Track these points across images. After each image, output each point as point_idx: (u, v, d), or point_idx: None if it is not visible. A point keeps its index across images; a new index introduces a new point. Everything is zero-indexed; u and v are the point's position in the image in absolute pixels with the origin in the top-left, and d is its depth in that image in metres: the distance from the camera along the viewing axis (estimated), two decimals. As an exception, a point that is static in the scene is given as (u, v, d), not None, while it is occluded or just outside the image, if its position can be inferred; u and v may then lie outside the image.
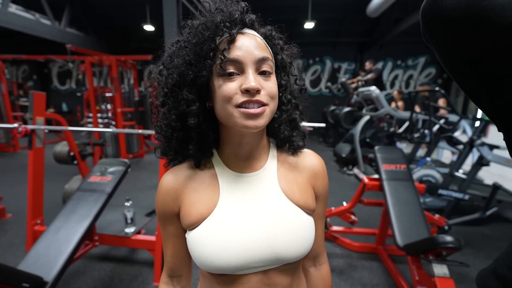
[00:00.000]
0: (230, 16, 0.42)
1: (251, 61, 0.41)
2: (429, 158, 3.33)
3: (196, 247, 0.45)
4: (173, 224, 0.50)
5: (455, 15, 0.31)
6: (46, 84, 10.53)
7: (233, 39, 0.41)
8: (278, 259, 0.46)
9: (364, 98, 4.29)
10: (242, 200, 0.47)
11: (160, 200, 0.50)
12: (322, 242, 0.58)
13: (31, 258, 1.39)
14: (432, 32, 0.35)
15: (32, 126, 1.82)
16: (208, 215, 0.46)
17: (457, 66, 0.35)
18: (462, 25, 0.31)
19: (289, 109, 0.50)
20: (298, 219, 0.48)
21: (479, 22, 0.30)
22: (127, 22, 8.07)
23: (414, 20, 5.56)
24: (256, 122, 0.41)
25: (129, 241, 1.85)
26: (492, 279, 0.39)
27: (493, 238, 2.43)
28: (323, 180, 0.54)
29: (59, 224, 1.58)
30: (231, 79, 0.41)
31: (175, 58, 0.44)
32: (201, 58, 0.41)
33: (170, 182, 0.49)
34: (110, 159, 2.10)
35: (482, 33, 0.30)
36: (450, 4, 0.31)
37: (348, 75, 9.20)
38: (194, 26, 0.44)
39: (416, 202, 1.82)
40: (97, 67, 5.21)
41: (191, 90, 0.43)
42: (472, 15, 0.30)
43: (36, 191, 1.89)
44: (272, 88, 0.43)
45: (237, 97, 0.41)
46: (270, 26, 0.47)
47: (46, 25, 5.68)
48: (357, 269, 1.96)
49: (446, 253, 1.39)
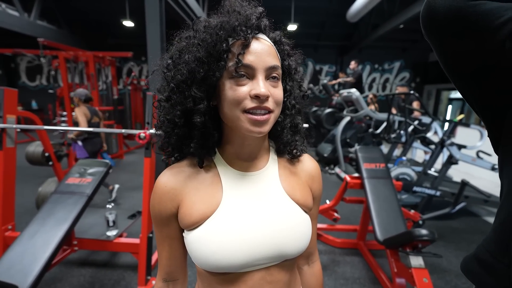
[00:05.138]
0: (247, 20, 0.42)
1: (262, 68, 0.42)
2: (404, 158, 3.53)
3: (198, 247, 0.44)
4: (171, 225, 0.48)
5: (447, 21, 0.36)
6: (13, 80, 9.76)
7: (248, 44, 0.42)
8: (281, 255, 0.47)
9: (345, 99, 4.45)
10: (245, 197, 0.47)
11: (157, 201, 0.48)
12: (315, 241, 0.61)
13: (4, 265, 1.30)
14: (429, 36, 0.40)
15: (3, 125, 1.69)
16: (211, 214, 0.45)
17: (452, 65, 0.41)
18: (453, 29, 0.36)
19: (293, 114, 0.51)
20: (299, 216, 0.49)
21: (468, 26, 0.35)
22: (104, 17, 7.70)
23: (391, 26, 5.86)
24: (261, 128, 0.42)
25: (111, 245, 1.78)
26: (475, 264, 0.44)
27: (461, 230, 2.64)
28: (318, 183, 0.57)
29: (35, 228, 1.49)
30: (242, 83, 0.42)
31: (184, 54, 0.43)
32: (214, 57, 0.41)
33: (169, 181, 0.47)
34: (90, 160, 2.01)
35: (471, 36, 0.35)
36: (442, 12, 0.35)
37: (330, 77, 9.47)
38: (209, 24, 0.43)
39: (394, 199, 1.93)
40: (72, 63, 4.94)
41: (200, 88, 0.43)
42: (462, 21, 0.35)
43: (6, 195, 1.75)
44: (279, 95, 0.44)
45: (246, 102, 0.41)
46: (279, 31, 0.48)
47: (14, 16, 5.27)
48: (340, 264, 2.03)
49: (422, 246, 1.50)
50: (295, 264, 0.55)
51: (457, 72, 0.41)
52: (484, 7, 0.34)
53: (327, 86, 5.92)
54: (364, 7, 5.33)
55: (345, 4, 5.95)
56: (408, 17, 5.12)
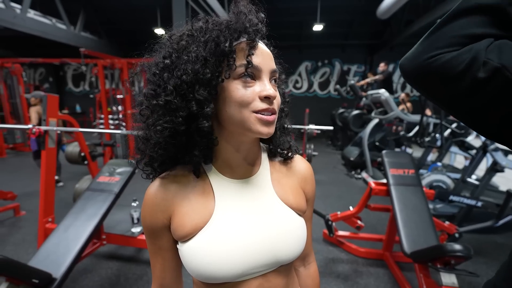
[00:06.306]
0: (254, 23, 0.42)
1: (268, 70, 0.43)
2: (439, 163, 3.24)
3: (192, 259, 0.43)
4: (163, 237, 0.47)
5: (419, 78, 0.41)
6: (62, 86, 10.91)
7: (255, 45, 0.42)
8: (277, 261, 0.46)
9: (373, 101, 4.23)
10: (238, 205, 0.47)
11: (148, 212, 0.46)
12: (310, 242, 0.60)
13: (41, 255, 1.44)
14: (417, 90, 0.45)
15: (45, 127, 1.89)
16: (204, 225, 0.44)
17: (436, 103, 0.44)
18: (427, 83, 0.41)
19: (282, 117, 0.52)
20: (293, 220, 0.49)
21: (436, 79, 0.39)
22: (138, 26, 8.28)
23: (426, 21, 5.45)
24: (269, 129, 0.43)
25: (135, 241, 1.88)
26: None
27: (507, 247, 2.34)
28: (311, 185, 0.56)
29: (69, 222, 1.63)
30: (250, 84, 0.41)
31: (185, 53, 0.41)
32: (221, 57, 0.40)
33: (159, 192, 0.46)
34: (119, 160, 2.15)
35: (445, 84, 0.38)
36: (410, 71, 0.41)
37: (358, 77, 9.09)
38: (216, 23, 0.42)
39: (425, 208, 1.77)
40: (109, 69, 5.36)
41: (205, 90, 0.40)
42: (428, 76, 0.39)
43: (48, 190, 1.95)
44: (279, 98, 0.45)
45: (257, 103, 0.41)
46: (266, 41, 0.48)
47: (62, 29, 5.89)
48: (363, 276, 1.92)
49: (455, 262, 1.35)
50: (292, 267, 0.54)
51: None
52: (443, 59, 0.37)
53: (355, 87, 5.68)
54: (397, 3, 5.03)
55: (374, 1, 5.69)
56: (446, 10, 4.71)
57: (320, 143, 7.58)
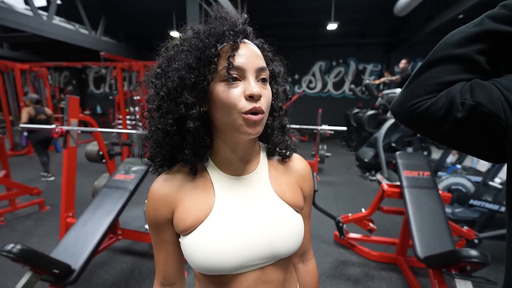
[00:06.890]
0: (234, 26, 0.44)
1: (252, 69, 0.43)
2: (459, 166, 3.09)
3: (193, 251, 0.46)
4: (166, 230, 0.49)
5: (407, 121, 0.45)
6: (84, 89, 11.46)
7: (237, 47, 0.43)
8: (274, 255, 0.48)
9: (389, 100, 4.11)
10: (237, 201, 0.49)
11: (152, 207, 0.49)
12: (308, 239, 0.61)
13: (62, 247, 1.53)
14: (403, 126, 0.49)
15: (67, 127, 2.00)
16: (204, 219, 0.46)
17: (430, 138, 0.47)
18: (416, 125, 0.44)
19: (281, 115, 0.53)
20: (290, 216, 0.50)
21: (421, 122, 0.42)
22: (155, 29, 8.53)
23: (448, 17, 5.21)
24: (256, 129, 0.44)
25: (148, 237, 1.95)
26: None
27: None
28: (309, 183, 0.57)
29: (87, 217, 1.72)
30: (234, 85, 0.43)
31: (173, 62, 0.45)
32: (204, 62, 0.42)
33: (163, 188, 0.49)
34: (134, 158, 2.23)
35: (422, 125, 0.43)
36: (399, 116, 0.46)
37: (374, 77, 8.84)
38: (198, 31, 0.45)
39: (440, 212, 1.70)
40: (127, 72, 5.56)
41: (191, 94, 0.43)
42: (414, 119, 0.43)
43: (69, 187, 2.06)
44: (269, 96, 0.46)
45: (243, 104, 0.42)
46: (261, 39, 0.50)
47: (84, 34, 6.20)
48: (375, 280, 1.87)
49: (471, 269, 1.29)
50: (290, 263, 0.55)
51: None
52: (424, 106, 0.41)
53: (370, 86, 5.52)
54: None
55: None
56: (469, 5, 4.49)
57: (334, 144, 7.45)
